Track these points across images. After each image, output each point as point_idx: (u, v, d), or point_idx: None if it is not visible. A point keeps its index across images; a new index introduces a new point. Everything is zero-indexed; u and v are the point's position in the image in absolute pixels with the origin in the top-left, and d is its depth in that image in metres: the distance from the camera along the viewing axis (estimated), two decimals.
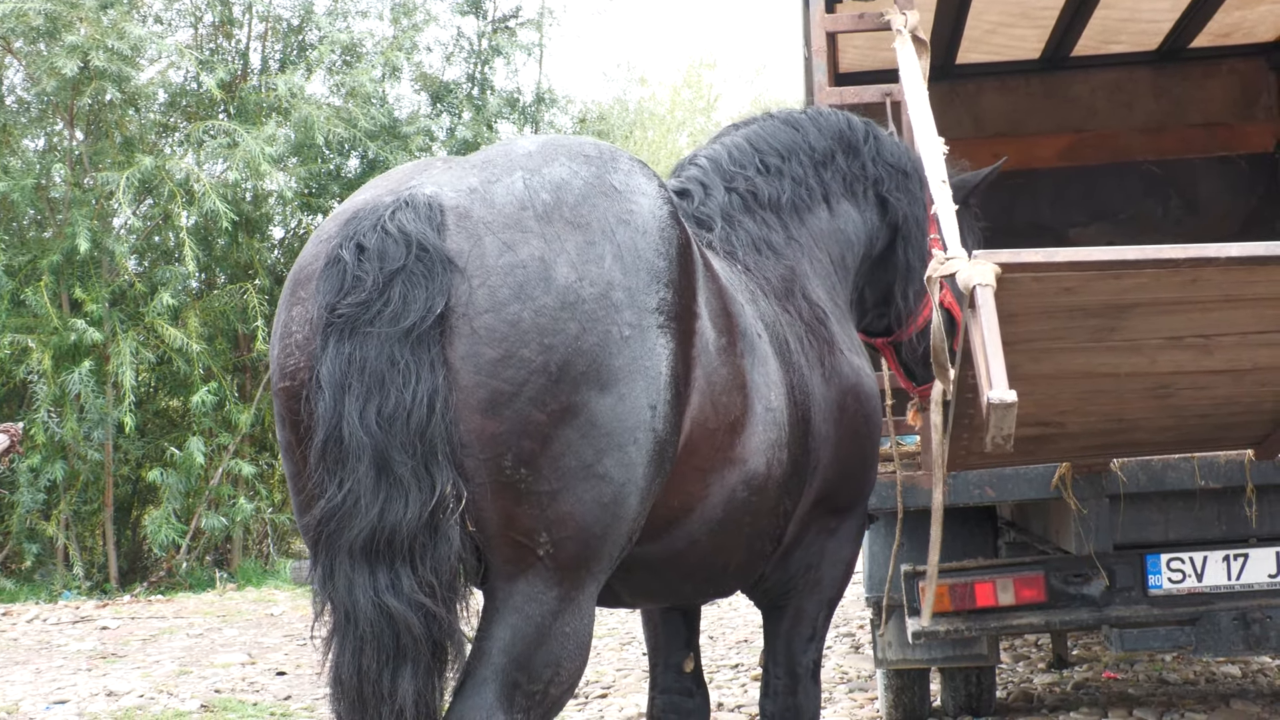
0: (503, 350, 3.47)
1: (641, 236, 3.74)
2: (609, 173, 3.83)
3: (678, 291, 3.80)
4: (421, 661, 3.46)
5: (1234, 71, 10.50)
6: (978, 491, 6.37)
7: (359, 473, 3.43)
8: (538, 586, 3.60)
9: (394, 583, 3.43)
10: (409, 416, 3.41)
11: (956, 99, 10.34)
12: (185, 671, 10.92)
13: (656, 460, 3.71)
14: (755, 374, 4.30)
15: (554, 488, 3.53)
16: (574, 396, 3.52)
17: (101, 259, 16.61)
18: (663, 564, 4.24)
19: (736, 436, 4.17)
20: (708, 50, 56.19)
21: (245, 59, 18.94)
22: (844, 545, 5.14)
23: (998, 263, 3.92)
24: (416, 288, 3.46)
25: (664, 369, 3.70)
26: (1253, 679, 8.91)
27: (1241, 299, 4.23)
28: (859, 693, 8.94)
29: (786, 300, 4.94)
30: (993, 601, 6.41)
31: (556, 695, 3.68)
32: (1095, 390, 4.84)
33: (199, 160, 17.40)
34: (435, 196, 3.60)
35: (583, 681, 9.67)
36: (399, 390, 3.42)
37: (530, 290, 3.50)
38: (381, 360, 3.44)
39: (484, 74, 20.72)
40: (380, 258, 3.50)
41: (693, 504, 4.10)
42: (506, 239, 3.54)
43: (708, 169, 5.21)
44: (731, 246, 4.94)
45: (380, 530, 3.42)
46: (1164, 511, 6.42)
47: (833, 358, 4.94)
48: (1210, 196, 10.53)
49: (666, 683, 5.30)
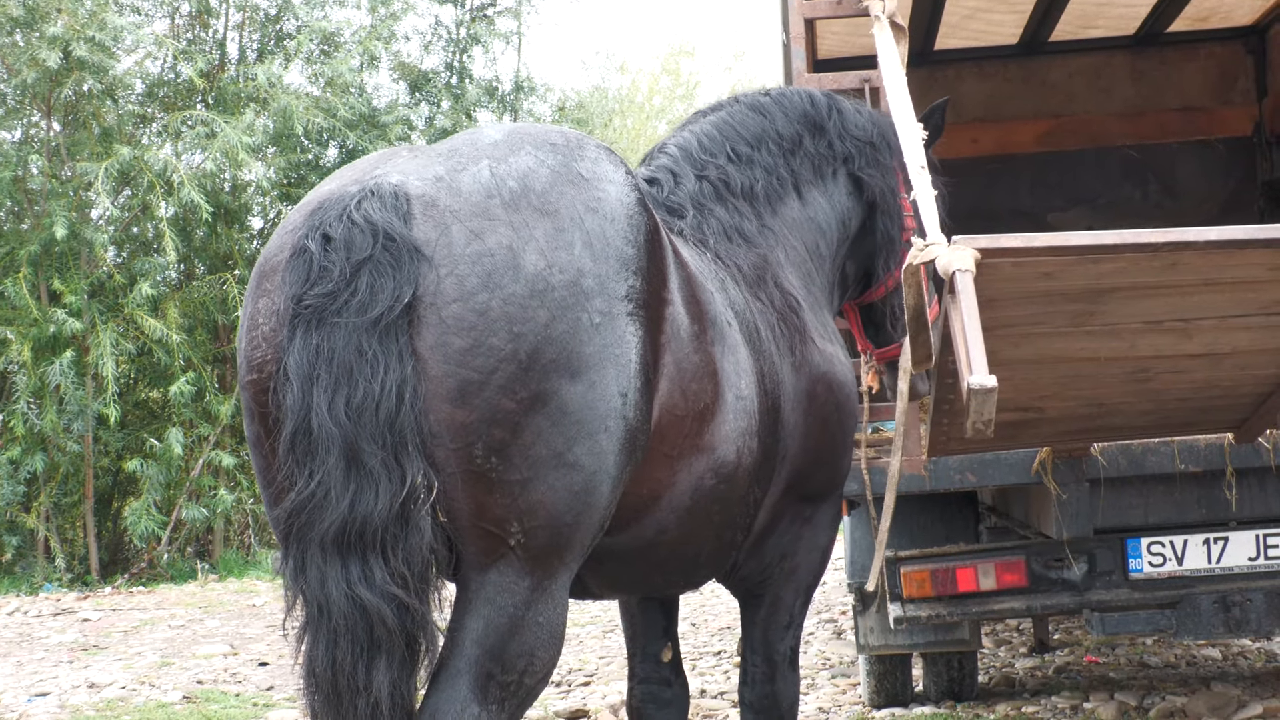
0: (471, 339, 3.45)
1: (610, 224, 3.73)
2: (576, 160, 3.82)
3: (646, 279, 3.79)
4: (396, 653, 3.44)
5: (1212, 56, 10.52)
6: (959, 477, 6.38)
7: (329, 464, 3.41)
8: (509, 576, 3.59)
9: (366, 575, 3.41)
10: (378, 407, 3.39)
11: (935, 85, 10.33)
12: (167, 663, 10.90)
13: (628, 448, 3.70)
14: (725, 362, 4.28)
15: (525, 476, 3.52)
16: (544, 384, 3.51)
17: (80, 250, 16.55)
18: (632, 554, 4.21)
19: (706, 424, 4.15)
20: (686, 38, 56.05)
21: (223, 49, 18.88)
22: (819, 533, 5.12)
23: (977, 248, 3.92)
24: (384, 277, 3.44)
25: (634, 356, 3.69)
26: (1233, 661, 8.94)
27: (1220, 283, 4.24)
28: (841, 678, 8.96)
29: (758, 288, 4.90)
30: (974, 586, 6.43)
31: (531, 685, 3.68)
32: (1075, 375, 4.85)
33: (177, 151, 17.34)
34: (401, 185, 3.58)
35: (565, 669, 9.69)
36: (367, 381, 3.40)
37: (498, 278, 3.48)
38: (349, 351, 3.42)
39: (462, 63, 20.68)
40: (347, 247, 3.48)
41: (661, 492, 4.08)
42: (474, 227, 3.53)
43: (678, 157, 5.17)
44: (703, 235, 4.90)
45: (351, 522, 3.40)
46: (1144, 495, 6.44)
47: (804, 346, 4.91)
48: (1189, 181, 10.55)
49: (645, 672, 5.29)
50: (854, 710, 8.03)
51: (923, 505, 7.10)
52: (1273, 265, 4.18)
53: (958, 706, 7.88)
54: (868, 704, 8.04)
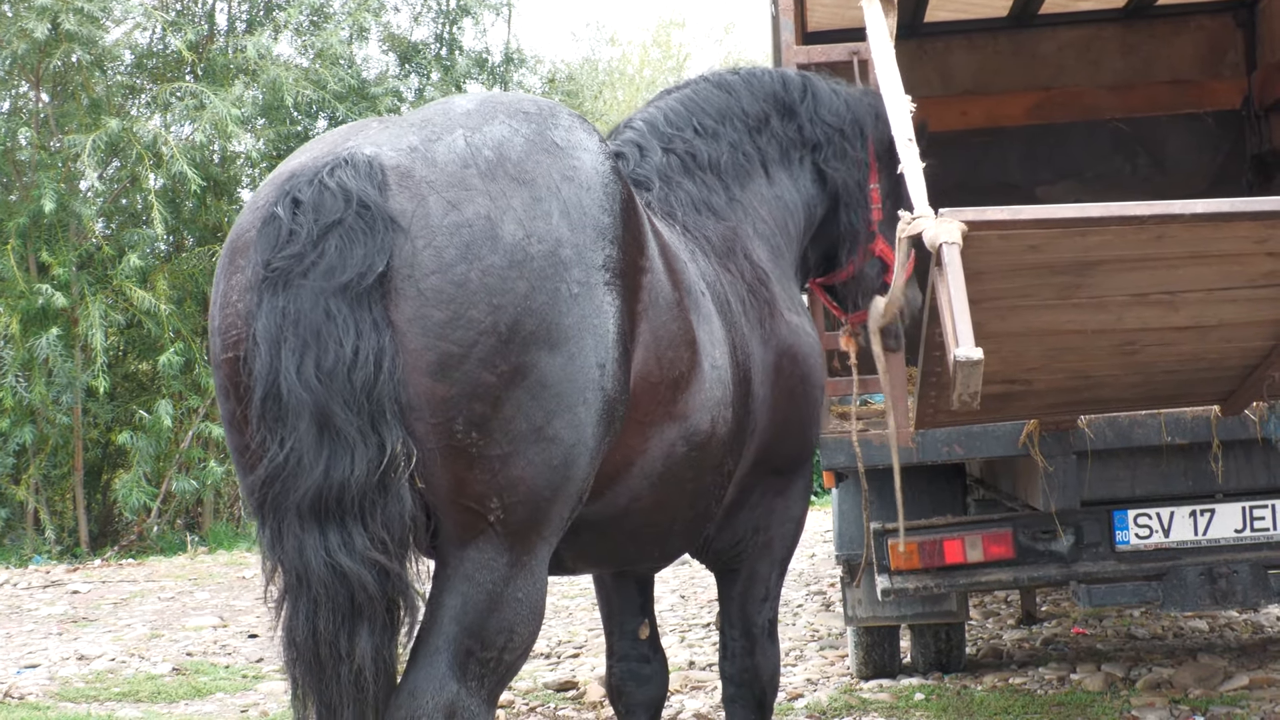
0: (451, 311, 3.40)
1: (586, 193, 3.70)
2: (550, 129, 3.78)
3: (623, 247, 3.77)
4: (377, 620, 3.43)
5: (1201, 28, 10.51)
6: (946, 449, 6.38)
7: (300, 430, 3.37)
8: (488, 553, 3.56)
9: (346, 541, 3.38)
10: (350, 372, 3.34)
11: (924, 57, 10.33)
12: (157, 635, 10.91)
13: (606, 419, 3.68)
14: (701, 331, 4.27)
15: (505, 451, 3.48)
16: (524, 357, 3.47)
17: (69, 222, 16.51)
18: (607, 523, 4.18)
19: (680, 392, 4.13)
20: (677, 9, 55.92)
21: (212, 20, 18.83)
22: (792, 505, 5.14)
23: (964, 221, 3.92)
24: (355, 244, 3.39)
25: (611, 326, 3.67)
26: (1220, 633, 8.98)
27: (1207, 255, 4.24)
28: (830, 650, 8.99)
29: (727, 259, 4.89)
30: (961, 558, 6.44)
31: (510, 661, 3.65)
32: (1062, 347, 4.85)
33: (166, 122, 17.29)
34: (376, 156, 3.53)
35: (555, 641, 9.71)
36: (337, 345, 3.35)
37: (477, 249, 3.44)
38: (317, 313, 3.37)
39: (452, 34, 20.64)
40: (315, 210, 3.43)
41: (633, 458, 4.06)
42: (451, 198, 3.48)
43: (644, 131, 5.15)
44: (670, 207, 4.88)
45: (327, 489, 3.36)
46: (1131, 468, 6.45)
47: (772, 319, 4.91)
48: (1178, 153, 10.55)
49: (623, 650, 5.30)
50: (842, 681, 8.05)
51: (910, 477, 7.10)
52: (1259, 238, 4.18)
53: (945, 678, 7.90)
54: (856, 675, 8.07)
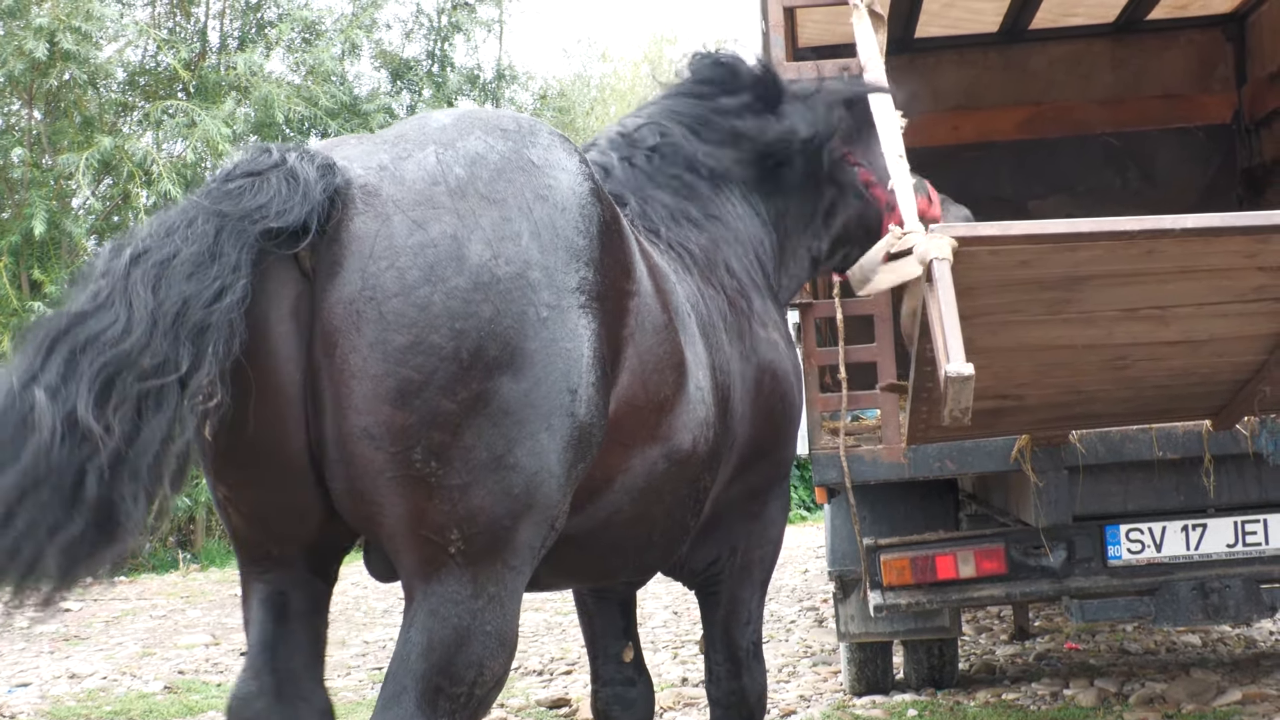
0: (412, 336, 3.29)
1: (560, 213, 3.60)
2: (527, 147, 3.67)
3: (601, 270, 3.67)
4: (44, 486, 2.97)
5: (1191, 43, 10.52)
6: (938, 465, 6.39)
7: (90, 287, 3.15)
8: (451, 586, 3.44)
9: (56, 385, 3.00)
10: (182, 277, 3.13)
11: (915, 72, 10.31)
12: (149, 653, 10.89)
13: (577, 445, 3.56)
14: (688, 353, 4.21)
15: (465, 481, 3.36)
16: (486, 383, 3.35)
17: (61, 240, 16.50)
18: (585, 536, 4.07)
19: (665, 414, 4.06)
20: (668, 25, 55.97)
21: (204, 37, 18.84)
22: (769, 526, 5.11)
23: (954, 236, 3.93)
24: (260, 193, 3.28)
25: (586, 350, 3.56)
26: (1212, 648, 8.98)
27: (1197, 270, 4.25)
28: (822, 666, 8.98)
29: (709, 272, 4.82)
30: (954, 574, 6.44)
31: (482, 695, 3.53)
32: (1053, 362, 4.85)
33: (158, 140, 17.29)
34: (343, 169, 3.44)
35: (548, 658, 9.70)
36: (177, 244, 3.18)
37: (442, 271, 3.33)
38: (181, 217, 3.23)
39: (444, 51, 20.68)
40: (245, 165, 3.37)
41: (614, 476, 3.97)
42: (417, 217, 3.38)
43: (605, 148, 5.06)
44: (651, 221, 4.80)
45: (65, 331, 3.08)
46: (1123, 483, 6.46)
47: (752, 335, 4.85)
48: (1169, 168, 10.56)
49: (608, 674, 5.25)
50: (835, 698, 8.04)
51: (902, 493, 7.11)
52: (1250, 253, 4.18)
53: (938, 694, 7.89)
54: (849, 691, 8.06)
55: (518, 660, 9.86)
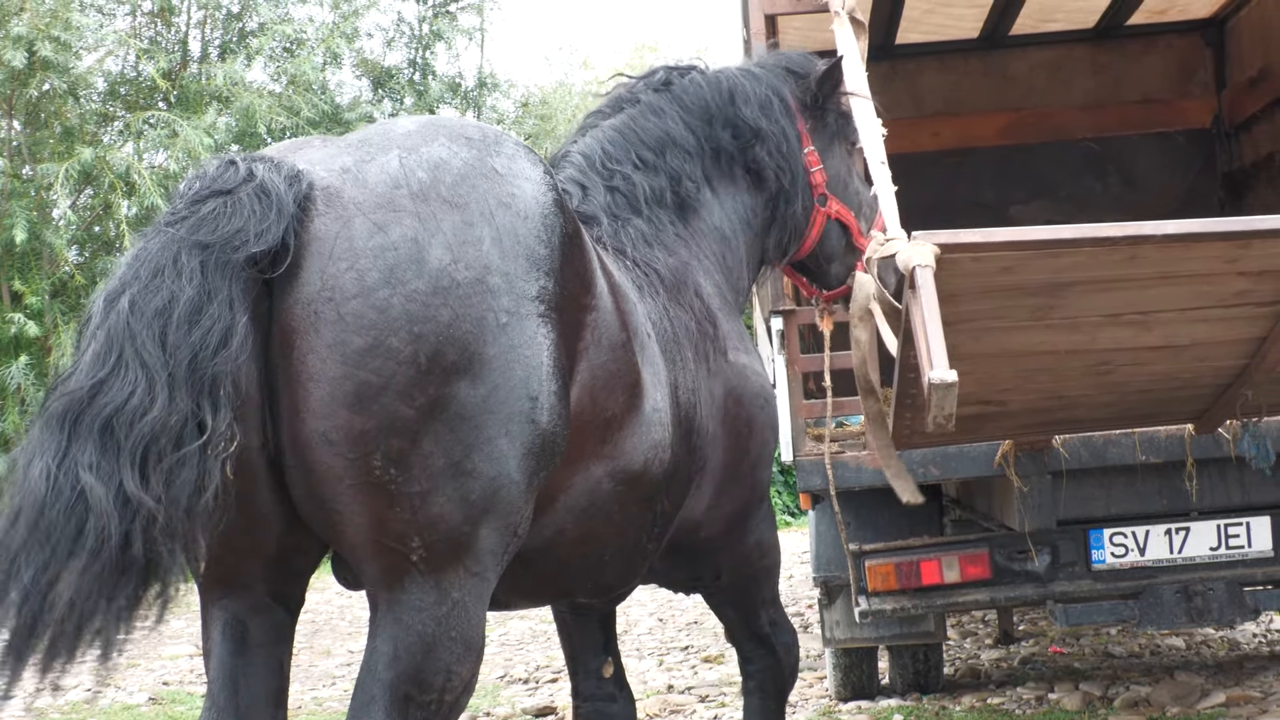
0: (371, 339, 3.28)
1: (523, 222, 3.59)
2: (491, 155, 3.67)
3: (560, 281, 3.66)
4: (100, 561, 3.03)
5: (1171, 48, 10.57)
6: (922, 470, 6.39)
7: (90, 348, 3.16)
8: (415, 594, 3.44)
9: (101, 467, 3.04)
10: (183, 326, 3.14)
11: (896, 79, 10.36)
12: (132, 664, 10.85)
13: (538, 452, 3.56)
14: (645, 373, 4.20)
15: (424, 488, 3.36)
16: (444, 389, 3.35)
17: (41, 250, 16.46)
18: (533, 555, 4.04)
19: (613, 432, 4.05)
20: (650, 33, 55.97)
21: (185, 47, 18.81)
22: (764, 554, 5.18)
23: (937, 243, 3.93)
24: (236, 215, 3.26)
25: (545, 359, 3.55)
26: (1196, 650, 9.00)
27: (1178, 275, 4.26)
28: (808, 672, 8.98)
29: (677, 293, 4.80)
30: (938, 579, 6.45)
31: (453, 700, 3.53)
32: (1036, 368, 4.86)
33: (138, 150, 17.25)
34: (306, 173, 3.44)
35: (533, 666, 9.69)
36: (170, 292, 3.17)
37: (401, 274, 3.32)
38: (164, 255, 3.23)
39: (425, 59, 20.69)
40: (212, 180, 3.36)
41: (555, 493, 3.94)
42: (378, 219, 3.37)
43: (583, 166, 5.03)
44: (621, 243, 4.78)
45: (87, 406, 3.10)
46: (1106, 487, 6.47)
47: (718, 358, 4.84)
48: (1149, 173, 10.61)
49: (588, 690, 5.25)
50: (820, 703, 8.05)
51: (886, 498, 7.11)
52: (1230, 257, 4.20)
53: (924, 698, 7.90)
54: (834, 697, 8.07)
55: (504, 668, 9.85)
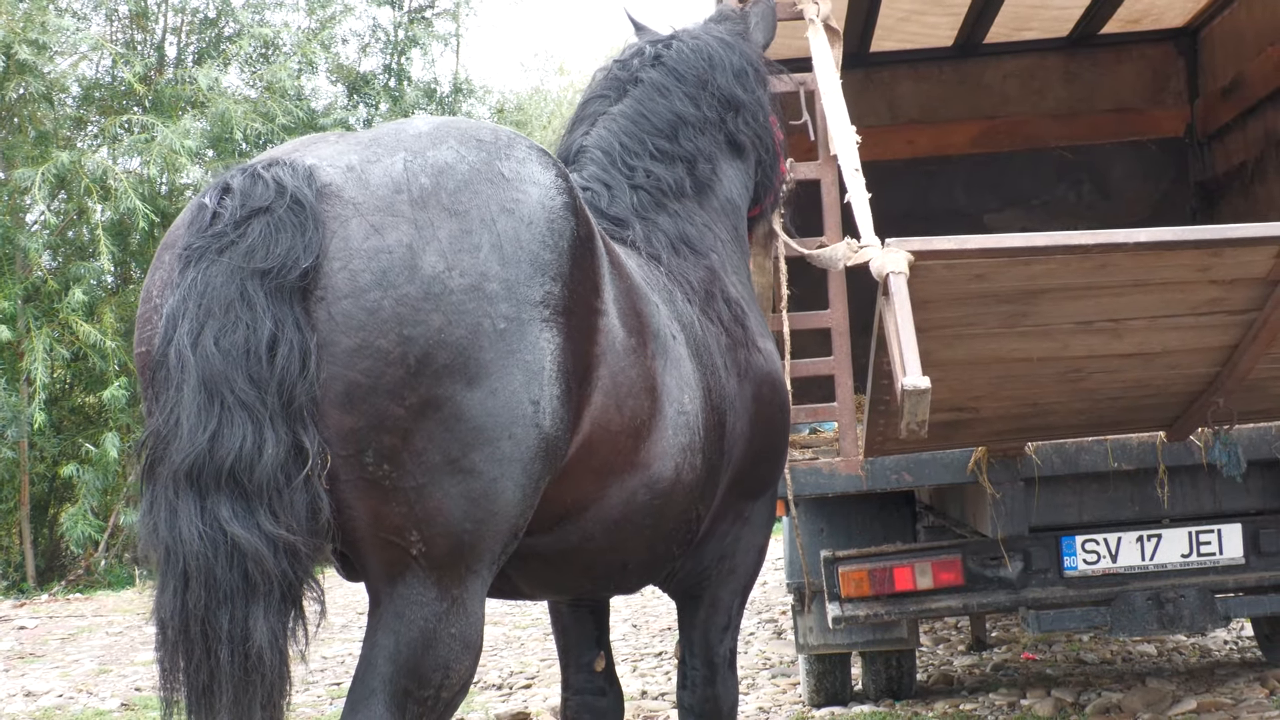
0: (359, 339, 3.31)
1: (526, 227, 3.58)
2: (500, 159, 3.66)
3: (569, 285, 3.66)
4: (273, 600, 3.26)
5: (1144, 57, 10.62)
6: (895, 476, 6.41)
7: (184, 394, 3.22)
8: (416, 589, 3.48)
9: (240, 514, 3.22)
10: (266, 358, 3.22)
11: (871, 87, 10.39)
12: (105, 670, 10.82)
13: (541, 455, 3.57)
14: (668, 376, 4.19)
15: (420, 483, 3.39)
16: (436, 390, 3.36)
17: (15, 255, 16.40)
18: (556, 556, 4.11)
19: (641, 440, 4.05)
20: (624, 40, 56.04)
21: (161, 52, 18.76)
22: (757, 532, 5.09)
23: (910, 250, 3.95)
24: (281, 233, 3.29)
25: (548, 363, 3.56)
26: (1168, 657, 9.03)
27: (1150, 284, 4.29)
28: (781, 678, 8.99)
29: (707, 302, 4.81)
30: (911, 585, 6.46)
31: (449, 698, 3.57)
32: (1009, 375, 4.88)
33: (114, 155, 17.20)
34: (314, 169, 3.45)
35: (507, 672, 9.68)
36: (248, 327, 3.23)
37: (394, 278, 3.33)
38: (230, 288, 3.26)
39: (401, 65, 20.67)
40: (244, 195, 3.35)
41: (587, 504, 3.98)
42: (375, 222, 3.39)
43: (604, 164, 5.03)
44: (655, 249, 4.79)
45: (210, 459, 3.21)
46: (1078, 494, 6.49)
47: (749, 352, 4.85)
48: (1122, 181, 10.65)
49: (579, 683, 5.24)
50: (794, 710, 8.06)
51: (860, 505, 7.14)
52: (1202, 266, 4.23)
53: (896, 705, 7.92)
54: (808, 703, 8.07)
55: (477, 674, 9.84)
